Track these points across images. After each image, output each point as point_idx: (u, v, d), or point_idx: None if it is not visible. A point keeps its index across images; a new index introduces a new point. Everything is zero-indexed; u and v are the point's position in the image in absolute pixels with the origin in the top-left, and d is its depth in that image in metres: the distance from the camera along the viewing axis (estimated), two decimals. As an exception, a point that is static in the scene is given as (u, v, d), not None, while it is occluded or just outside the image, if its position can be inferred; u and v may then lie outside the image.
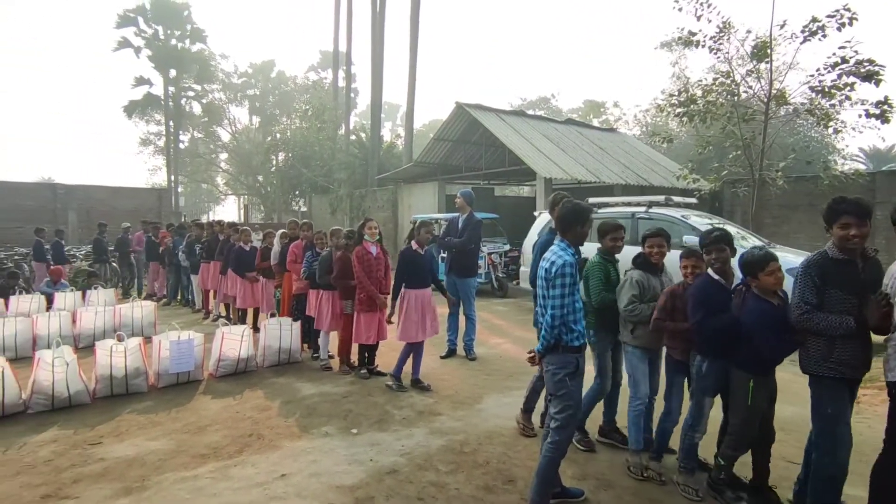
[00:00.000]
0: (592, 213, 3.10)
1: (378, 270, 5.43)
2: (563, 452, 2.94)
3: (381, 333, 5.47)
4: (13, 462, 3.70)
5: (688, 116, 10.19)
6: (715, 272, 3.24)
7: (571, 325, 2.90)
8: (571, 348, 2.91)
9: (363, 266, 5.32)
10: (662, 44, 25.05)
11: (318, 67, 46.81)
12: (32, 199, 17.67)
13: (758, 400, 3.00)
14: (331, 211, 21.33)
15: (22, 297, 8.25)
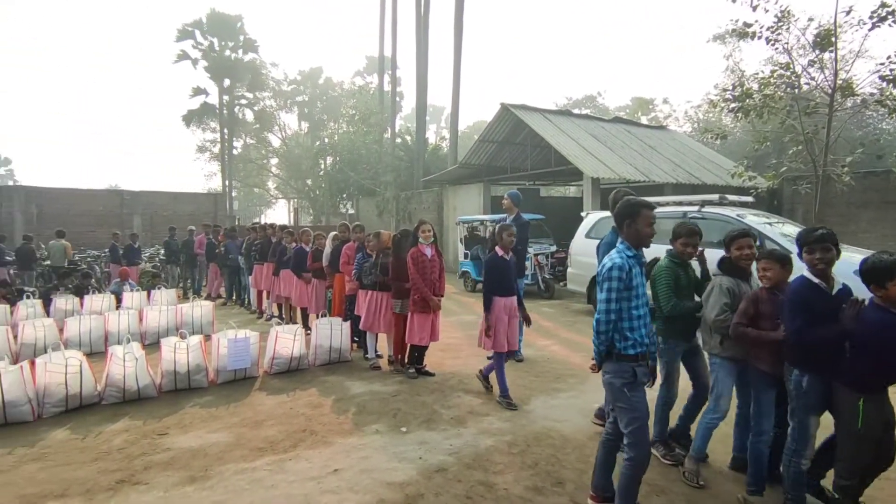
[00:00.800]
0: (646, 208, 2.80)
1: (432, 272, 5.46)
2: (642, 468, 2.75)
3: (433, 335, 5.53)
4: (91, 449, 3.98)
5: (743, 111, 9.80)
6: (815, 274, 2.86)
7: (626, 332, 2.73)
8: (626, 356, 2.73)
9: (417, 268, 5.37)
10: (715, 37, 24.08)
11: (364, 72, 47.77)
12: (103, 205, 18.85)
13: (871, 422, 2.66)
14: (377, 213, 21.69)
15: (94, 297, 8.83)
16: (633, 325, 2.74)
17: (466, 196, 17.67)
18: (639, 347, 2.75)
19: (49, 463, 3.76)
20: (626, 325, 2.74)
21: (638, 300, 2.76)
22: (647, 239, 2.82)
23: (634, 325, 2.75)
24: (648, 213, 2.80)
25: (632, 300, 2.74)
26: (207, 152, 35.53)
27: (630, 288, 2.72)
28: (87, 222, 17.84)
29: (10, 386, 4.43)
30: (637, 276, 2.76)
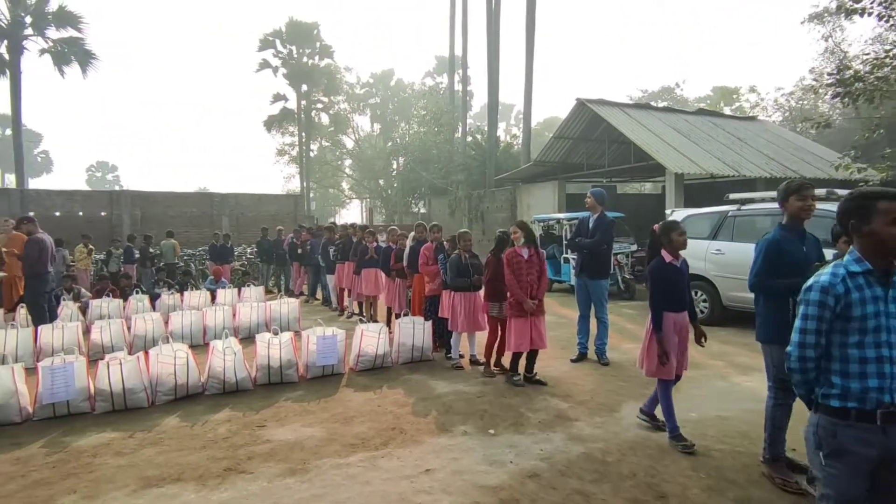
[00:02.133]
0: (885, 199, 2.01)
1: (529, 274, 5.23)
2: None
3: (535, 341, 5.21)
4: (199, 437, 4.25)
5: (850, 97, 8.95)
6: None
7: (833, 375, 2.06)
8: (827, 409, 2.07)
9: (513, 270, 5.20)
10: (811, 16, 22.20)
11: (434, 73, 48.29)
12: (195, 206, 20.25)
13: None
14: (449, 212, 21.84)
15: (192, 293, 9.48)
16: (850, 370, 2.03)
17: (540, 194, 17.39)
18: (851, 401, 2.01)
19: (164, 448, 4.05)
20: (837, 368, 2.06)
21: (864, 335, 2.01)
22: (893, 242, 1.98)
23: (851, 371, 2.02)
24: (889, 206, 1.99)
25: (851, 334, 2.03)
26: (286, 155, 37.28)
27: (849, 318, 2.02)
28: (182, 223, 19.21)
29: (129, 374, 4.83)
30: (870, 303, 2.01)
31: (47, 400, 4.61)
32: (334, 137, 37.89)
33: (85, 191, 22.21)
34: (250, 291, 9.77)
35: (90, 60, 21.06)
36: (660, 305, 3.90)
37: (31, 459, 3.89)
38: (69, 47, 20.68)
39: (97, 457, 3.91)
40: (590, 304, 6.33)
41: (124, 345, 6.87)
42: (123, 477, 3.59)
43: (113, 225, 18.00)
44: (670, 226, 4.00)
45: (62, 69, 20.87)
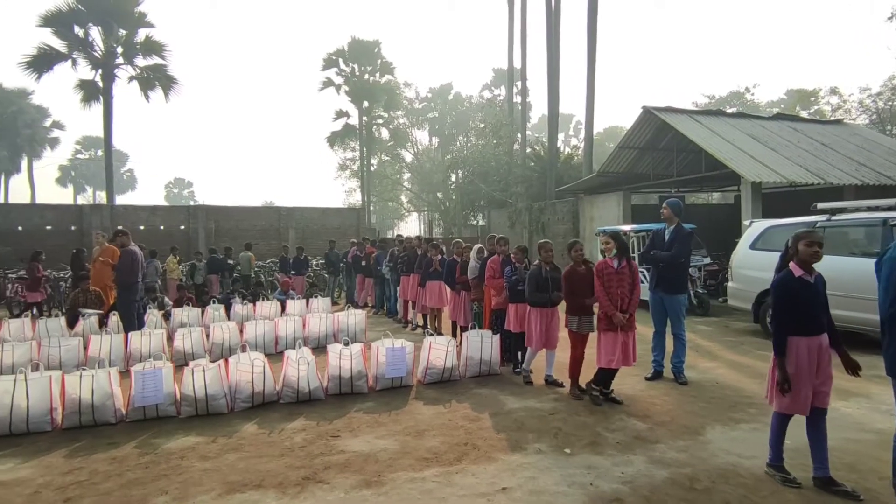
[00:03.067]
0: None
1: (620, 286, 4.99)
2: None
3: (626, 358, 4.97)
4: (277, 444, 4.35)
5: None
6: None
7: None
8: None
9: (603, 281, 4.99)
10: None
11: (492, 85, 48.46)
12: (264, 219, 21.15)
13: None
14: (509, 224, 21.68)
15: (264, 303, 9.85)
16: None
17: (604, 205, 16.95)
18: None
19: (245, 454, 4.17)
20: None
21: None
22: None
23: None
24: None
25: None
26: (348, 170, 38.37)
27: None
28: (252, 236, 20.07)
29: (211, 381, 5.03)
30: None
31: (139, 403, 4.88)
32: (394, 152, 38.65)
33: (165, 206, 23.75)
34: (318, 302, 10.04)
35: (172, 85, 22.59)
36: (783, 327, 3.40)
37: (125, 459, 4.11)
38: (154, 74, 22.28)
39: (184, 459, 4.08)
40: (665, 319, 6.05)
41: (204, 352, 7.20)
42: (209, 481, 3.71)
43: (190, 237, 19.07)
44: (800, 234, 3.46)
45: (147, 94, 22.49)
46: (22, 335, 7.95)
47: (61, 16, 20.48)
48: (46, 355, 6.61)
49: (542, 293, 5.70)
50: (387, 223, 49.97)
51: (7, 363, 6.31)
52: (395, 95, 35.95)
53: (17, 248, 15.70)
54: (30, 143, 38.53)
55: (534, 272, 5.77)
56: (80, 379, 4.79)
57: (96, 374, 4.85)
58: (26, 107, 37.66)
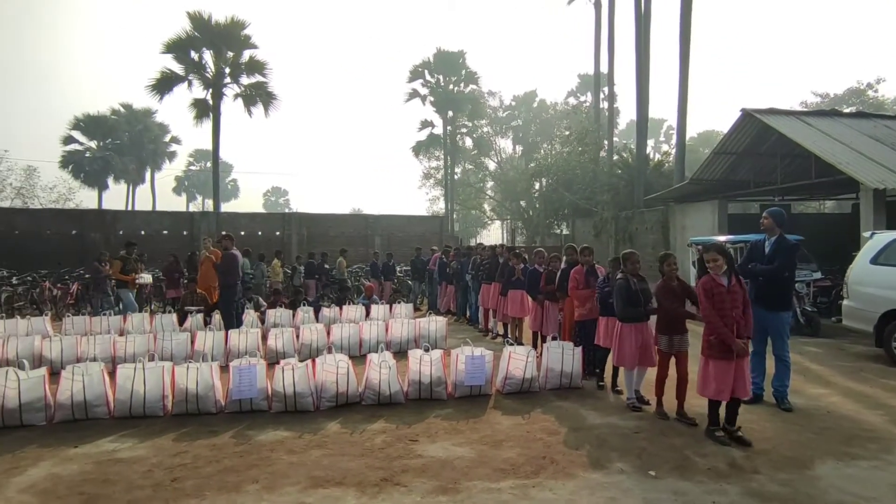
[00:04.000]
0: None
1: (734, 307, 4.39)
2: None
3: (738, 388, 4.39)
4: (358, 444, 4.50)
5: None
6: None
7: None
8: None
9: (711, 301, 4.42)
10: None
11: (577, 92, 47.52)
12: (352, 226, 22.12)
13: None
14: (594, 233, 21.04)
15: (349, 307, 10.25)
16: None
17: (697, 215, 15.98)
18: None
19: (328, 451, 4.35)
20: None
21: None
22: None
23: None
24: None
25: None
26: (432, 178, 39.12)
27: None
28: (340, 242, 20.99)
29: (299, 380, 5.31)
30: None
31: (235, 396, 5.25)
32: (477, 160, 38.93)
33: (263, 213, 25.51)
34: (401, 308, 10.29)
35: (271, 101, 24.28)
36: None
37: (223, 447, 4.43)
38: (256, 91, 24.06)
39: (274, 452, 4.33)
40: (765, 338, 5.56)
41: (294, 351, 7.62)
42: (295, 474, 3.91)
43: (284, 243, 20.32)
44: None
45: (250, 110, 24.32)
46: (142, 328, 8.84)
47: (180, 42, 22.73)
48: (160, 348, 7.30)
49: (634, 307, 5.31)
50: (469, 231, 50.25)
51: (129, 353, 7.06)
52: (479, 105, 36.29)
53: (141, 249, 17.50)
54: (153, 156, 42.98)
55: (621, 285, 5.37)
56: (187, 370, 5.25)
57: (200, 367, 5.29)
58: (151, 124, 42.10)
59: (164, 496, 3.58)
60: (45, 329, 8.74)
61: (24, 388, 4.98)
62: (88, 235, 18.80)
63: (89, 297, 12.15)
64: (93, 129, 38.26)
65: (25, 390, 4.99)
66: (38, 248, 17.92)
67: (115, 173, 39.55)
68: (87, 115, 38.04)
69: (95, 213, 21.24)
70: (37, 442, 4.58)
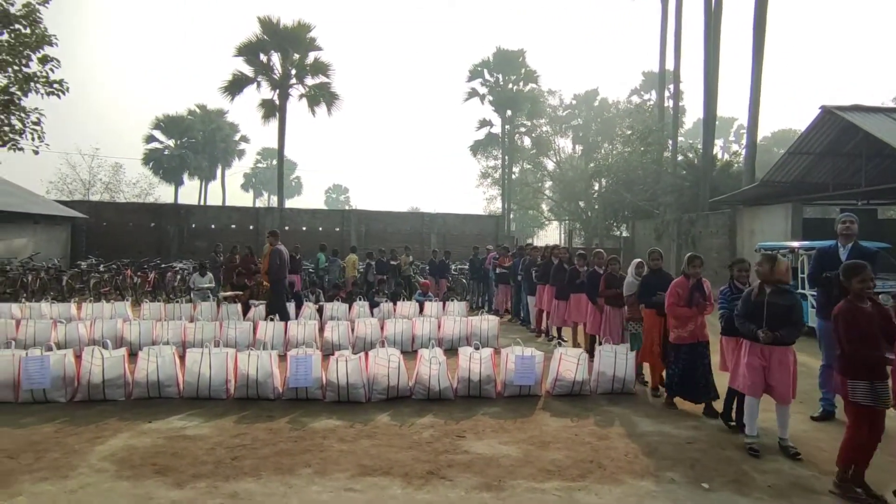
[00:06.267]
0: None
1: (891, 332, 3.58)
2: None
3: None
4: (406, 437, 4.61)
5: None
6: None
7: None
8: None
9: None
10: None
11: (641, 90, 45.98)
12: (409, 224, 22.48)
13: None
14: (655, 237, 20.32)
15: (404, 303, 10.45)
16: None
17: (768, 218, 15.11)
18: None
19: (377, 442, 4.48)
20: None
21: None
22: None
23: None
24: None
25: None
26: (489, 177, 39.05)
27: None
28: (397, 239, 21.38)
29: (352, 372, 5.49)
30: None
31: (292, 384, 5.50)
32: (536, 160, 38.48)
33: (324, 210, 26.34)
34: (454, 306, 10.38)
35: (334, 101, 25.08)
36: None
37: (279, 432, 4.66)
38: (319, 91, 24.91)
39: (326, 439, 4.51)
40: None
41: (348, 344, 7.86)
42: (345, 461, 4.06)
43: (343, 239, 20.91)
44: None
45: (314, 109, 25.21)
46: (210, 316, 9.39)
47: (251, 46, 23.88)
48: (226, 335, 7.74)
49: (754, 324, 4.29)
50: (526, 231, 49.78)
51: (198, 338, 7.52)
52: (538, 104, 35.85)
53: (210, 242, 18.55)
54: (224, 154, 45.37)
55: (750, 299, 4.40)
56: (249, 357, 5.55)
57: (261, 355, 5.58)
58: (222, 124, 44.46)
59: (225, 473, 3.81)
60: (126, 313, 9.46)
61: (108, 366, 5.44)
62: (165, 228, 20.13)
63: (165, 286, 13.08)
64: (171, 129, 40.89)
65: (108, 367, 5.44)
66: (122, 238, 19.38)
67: (190, 170, 42.08)
68: (166, 116, 40.75)
69: (171, 207, 22.68)
70: (116, 415, 4.99)
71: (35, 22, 10.10)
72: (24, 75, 10.04)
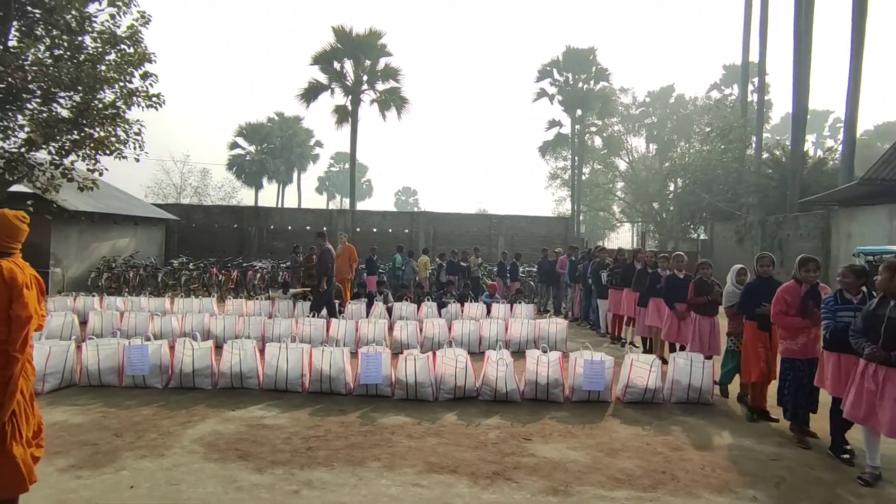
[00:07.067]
0: None
1: None
2: None
3: None
4: (472, 437, 4.64)
5: None
6: None
7: None
8: None
9: None
10: None
11: (721, 84, 43.57)
12: (476, 226, 22.53)
13: None
14: (737, 239, 19.18)
15: (471, 304, 10.51)
16: None
17: (868, 220, 13.85)
18: None
19: (444, 440, 4.55)
20: None
21: None
22: None
23: None
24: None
25: None
26: (559, 179, 38.39)
27: None
28: (465, 241, 21.48)
29: (420, 370, 5.60)
30: None
31: (363, 381, 5.69)
32: (607, 160, 37.42)
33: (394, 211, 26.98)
34: (522, 308, 10.32)
35: (404, 105, 25.67)
36: None
37: (351, 425, 4.84)
38: (390, 96, 25.56)
39: (394, 435, 4.63)
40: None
41: (417, 343, 8.01)
42: (413, 457, 4.16)
43: (412, 240, 21.30)
44: None
45: (384, 114, 25.91)
46: (286, 313, 9.89)
47: (325, 54, 24.91)
48: (301, 331, 8.12)
49: None
50: (596, 233, 48.47)
51: (276, 333, 7.95)
52: (609, 102, 34.86)
53: (287, 242, 19.49)
54: (300, 159, 47.60)
55: (865, 310, 3.96)
56: (322, 353, 5.81)
57: (334, 352, 5.82)
58: (299, 130, 46.67)
59: (300, 461, 4.02)
60: (213, 308, 10.16)
61: (197, 357, 5.89)
62: (246, 229, 21.38)
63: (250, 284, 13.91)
64: (252, 136, 43.47)
65: (198, 358, 5.89)
66: (209, 238, 20.79)
67: (269, 174, 44.50)
68: (248, 124, 43.41)
69: (252, 209, 24.05)
70: (204, 402, 5.39)
71: (137, 42, 11.06)
72: (127, 90, 11.01)
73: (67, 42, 10.82)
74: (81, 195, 12.81)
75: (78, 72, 10.14)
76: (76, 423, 4.71)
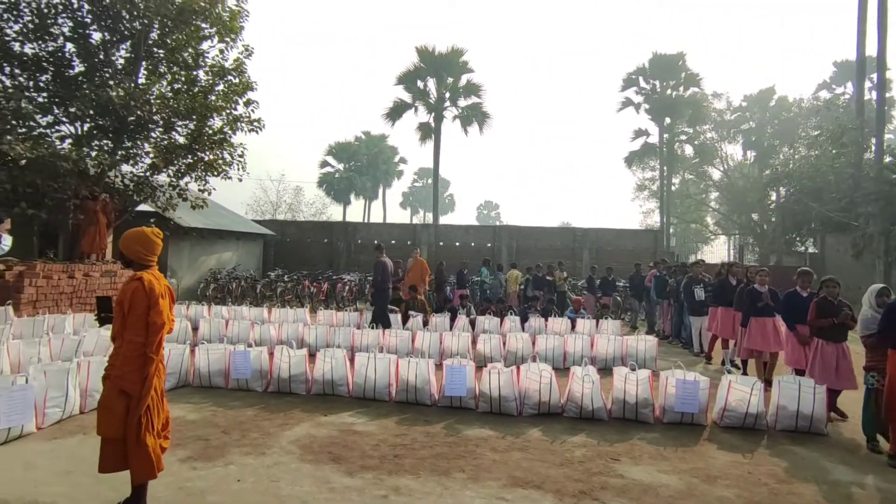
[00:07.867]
0: None
1: None
2: None
3: None
4: (557, 454, 4.57)
5: None
6: None
7: None
8: None
9: None
10: None
11: (832, 83, 39.85)
12: (560, 240, 22.18)
13: None
14: (853, 253, 17.38)
15: (556, 319, 10.33)
16: None
17: None
18: None
19: (529, 455, 4.51)
20: None
21: None
22: None
23: None
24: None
25: None
26: (646, 190, 36.88)
27: None
28: (548, 255, 21.19)
29: (504, 384, 5.60)
30: None
31: (448, 393, 5.78)
32: (699, 169, 35.44)
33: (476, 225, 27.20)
34: (608, 324, 10.00)
35: (486, 120, 25.94)
36: None
37: (436, 436, 4.94)
38: (471, 112, 25.94)
39: (479, 447, 4.66)
40: None
41: (500, 357, 8.01)
42: (497, 470, 4.16)
43: (494, 254, 21.34)
44: None
45: (466, 129, 26.32)
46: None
47: (409, 74, 25.82)
48: (388, 342, 8.40)
49: None
50: (688, 247, 45.91)
51: (364, 343, 8.26)
52: (700, 108, 33.10)
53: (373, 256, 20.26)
54: (385, 175, 49.42)
55: None
56: (408, 364, 5.98)
57: (419, 363, 5.97)
58: (384, 147, 48.54)
59: (388, 468, 4.16)
60: (306, 318, 10.77)
61: (293, 363, 6.28)
62: (336, 243, 22.47)
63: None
64: (341, 154, 45.82)
65: (294, 365, 6.28)
66: (301, 252, 22.09)
67: (356, 191, 46.60)
68: (337, 143, 45.90)
69: (341, 224, 25.26)
70: (300, 407, 5.73)
71: (242, 72, 12.15)
72: (233, 117, 12.09)
73: (185, 76, 12.10)
74: (193, 213, 14.16)
75: (193, 102, 11.30)
76: (191, 420, 5.19)
